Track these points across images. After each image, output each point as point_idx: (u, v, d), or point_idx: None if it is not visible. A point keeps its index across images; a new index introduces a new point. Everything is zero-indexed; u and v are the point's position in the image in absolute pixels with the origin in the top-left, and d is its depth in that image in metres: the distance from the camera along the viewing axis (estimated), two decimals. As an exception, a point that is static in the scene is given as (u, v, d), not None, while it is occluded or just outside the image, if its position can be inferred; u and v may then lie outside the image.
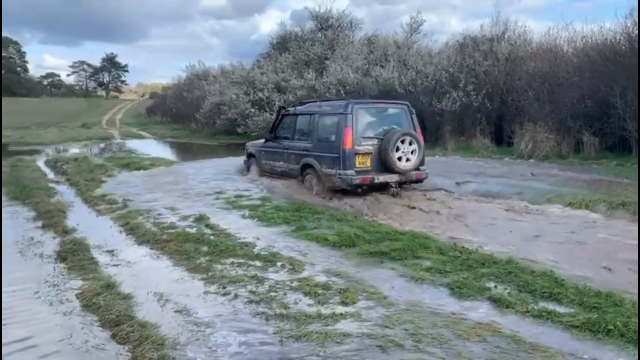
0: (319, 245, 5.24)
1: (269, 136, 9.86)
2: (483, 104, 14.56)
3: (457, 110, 14.87)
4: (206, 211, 6.86)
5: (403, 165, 7.93)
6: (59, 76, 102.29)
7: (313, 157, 8.33)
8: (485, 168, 10.62)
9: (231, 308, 3.69)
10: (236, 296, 3.89)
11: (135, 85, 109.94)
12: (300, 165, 8.63)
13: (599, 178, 8.96)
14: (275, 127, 9.74)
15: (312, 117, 8.61)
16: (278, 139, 9.51)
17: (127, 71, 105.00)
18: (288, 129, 9.31)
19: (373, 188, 7.90)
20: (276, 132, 9.66)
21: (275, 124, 9.80)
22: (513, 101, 13.84)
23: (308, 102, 9.62)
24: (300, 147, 8.73)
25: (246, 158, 10.78)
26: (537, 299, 3.69)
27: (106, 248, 5.37)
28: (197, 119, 27.64)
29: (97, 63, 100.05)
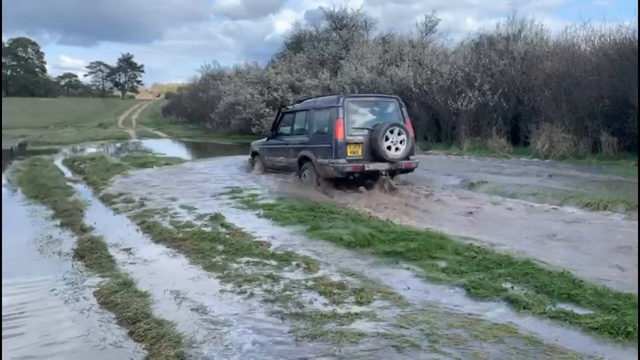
0: (334, 244, 5.22)
1: (271, 134, 10.46)
2: (499, 104, 14.44)
3: (473, 109, 14.76)
4: (221, 210, 6.90)
5: (392, 154, 8.28)
6: (77, 76, 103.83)
7: (309, 150, 8.78)
8: (501, 168, 10.54)
9: (247, 307, 3.69)
10: (252, 295, 3.89)
11: (151, 85, 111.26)
12: (298, 158, 9.04)
13: (617, 178, 8.82)
14: (276, 125, 10.29)
15: (308, 113, 9.13)
16: (279, 136, 10.10)
17: (143, 71, 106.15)
18: (287, 126, 9.87)
19: (364, 175, 8.37)
20: (277, 130, 10.21)
21: (276, 122, 10.35)
22: (529, 101, 13.67)
23: (305, 100, 10.25)
24: (298, 141, 9.22)
25: (251, 156, 11.34)
26: (555, 300, 3.63)
27: (123, 246, 5.41)
28: (212, 119, 27.82)
29: (114, 63, 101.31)
